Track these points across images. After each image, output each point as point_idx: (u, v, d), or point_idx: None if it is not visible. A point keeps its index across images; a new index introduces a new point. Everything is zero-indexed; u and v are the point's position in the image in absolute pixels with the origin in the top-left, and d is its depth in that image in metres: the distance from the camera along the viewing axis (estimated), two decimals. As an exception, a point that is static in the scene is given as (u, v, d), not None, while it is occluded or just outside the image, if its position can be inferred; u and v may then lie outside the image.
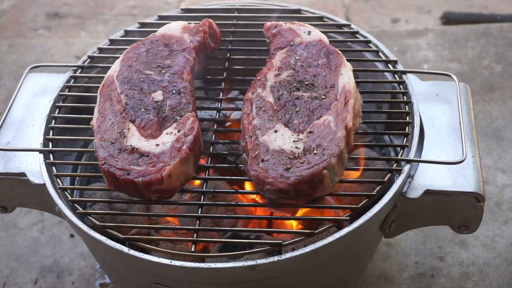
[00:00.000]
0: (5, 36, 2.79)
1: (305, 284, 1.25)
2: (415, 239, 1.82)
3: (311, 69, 1.31)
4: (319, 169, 1.11)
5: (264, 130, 1.20)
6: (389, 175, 1.23)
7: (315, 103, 1.24)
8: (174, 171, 1.13)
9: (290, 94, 1.27)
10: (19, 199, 1.38)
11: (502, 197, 1.93)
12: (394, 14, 2.85)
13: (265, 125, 1.21)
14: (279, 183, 1.11)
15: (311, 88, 1.28)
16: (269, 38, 1.45)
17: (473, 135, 1.37)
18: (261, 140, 1.18)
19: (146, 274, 1.19)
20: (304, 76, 1.30)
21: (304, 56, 1.35)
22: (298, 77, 1.31)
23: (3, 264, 1.82)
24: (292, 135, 1.19)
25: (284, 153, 1.16)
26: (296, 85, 1.29)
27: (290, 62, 1.34)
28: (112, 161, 1.16)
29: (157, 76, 1.31)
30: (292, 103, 1.25)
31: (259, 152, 1.16)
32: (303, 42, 1.38)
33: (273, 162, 1.14)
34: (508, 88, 2.33)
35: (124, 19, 2.88)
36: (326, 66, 1.31)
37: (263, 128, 1.20)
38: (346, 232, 1.14)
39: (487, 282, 1.71)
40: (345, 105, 1.21)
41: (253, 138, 1.18)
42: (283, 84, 1.29)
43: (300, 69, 1.32)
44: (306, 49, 1.36)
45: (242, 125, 1.23)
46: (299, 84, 1.29)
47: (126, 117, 1.24)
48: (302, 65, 1.33)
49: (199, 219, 1.19)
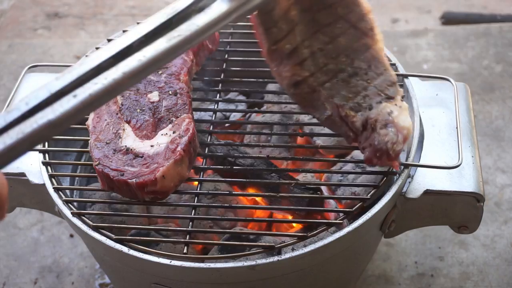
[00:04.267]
0: (5, 36, 2.79)
1: (305, 284, 1.25)
2: (415, 239, 1.82)
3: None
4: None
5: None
6: (384, 179, 1.22)
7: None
8: (168, 172, 1.13)
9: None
10: (18, 199, 1.38)
11: (502, 197, 1.93)
12: (394, 14, 2.84)
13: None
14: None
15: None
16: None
17: (473, 135, 1.37)
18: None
19: (145, 274, 1.19)
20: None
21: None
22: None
23: (2, 264, 1.82)
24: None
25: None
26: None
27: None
28: (106, 162, 1.16)
29: (154, 76, 1.31)
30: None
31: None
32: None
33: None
34: (508, 88, 2.33)
35: (124, 19, 2.88)
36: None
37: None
38: (346, 232, 1.14)
39: (487, 282, 1.71)
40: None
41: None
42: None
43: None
44: None
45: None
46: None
47: (122, 118, 1.24)
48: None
49: (193, 221, 1.19)
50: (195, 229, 1.20)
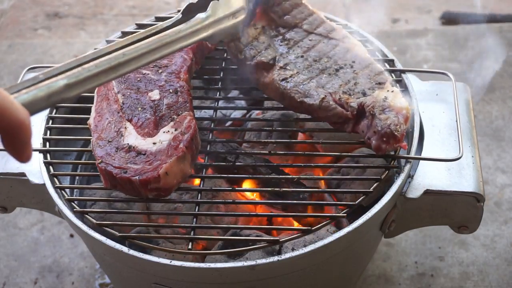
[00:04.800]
0: (5, 36, 2.79)
1: (305, 284, 1.25)
2: (415, 239, 1.82)
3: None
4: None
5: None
6: (386, 172, 1.23)
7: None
8: (171, 169, 1.13)
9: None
10: (19, 199, 1.38)
11: (502, 197, 1.93)
12: (394, 14, 2.84)
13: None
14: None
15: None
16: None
17: (473, 135, 1.37)
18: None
19: (146, 274, 1.19)
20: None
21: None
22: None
23: (3, 264, 1.82)
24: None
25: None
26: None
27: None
28: (109, 160, 1.16)
29: (154, 75, 1.31)
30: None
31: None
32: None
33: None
34: (508, 88, 2.33)
35: (124, 19, 2.88)
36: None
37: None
38: (346, 232, 1.14)
39: (487, 282, 1.71)
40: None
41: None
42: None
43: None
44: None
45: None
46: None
47: (123, 116, 1.24)
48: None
49: (196, 217, 1.19)
50: (200, 225, 1.20)
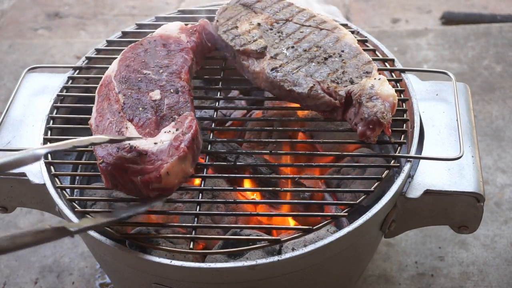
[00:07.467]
0: (5, 36, 2.80)
1: (305, 284, 1.25)
2: (415, 239, 1.82)
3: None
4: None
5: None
6: (386, 172, 1.23)
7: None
8: (172, 169, 1.13)
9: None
10: (19, 199, 1.38)
11: (502, 197, 1.93)
12: (394, 14, 2.85)
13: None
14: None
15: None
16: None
17: (473, 135, 1.37)
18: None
19: (146, 274, 1.19)
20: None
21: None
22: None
23: (3, 264, 1.82)
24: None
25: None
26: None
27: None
28: (110, 160, 1.16)
29: (155, 75, 1.31)
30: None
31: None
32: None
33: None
34: (508, 88, 2.33)
35: (125, 19, 2.88)
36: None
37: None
38: (346, 232, 1.14)
39: (487, 282, 1.71)
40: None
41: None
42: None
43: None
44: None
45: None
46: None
47: (124, 116, 1.24)
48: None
49: (197, 217, 1.20)
50: (201, 225, 1.20)
